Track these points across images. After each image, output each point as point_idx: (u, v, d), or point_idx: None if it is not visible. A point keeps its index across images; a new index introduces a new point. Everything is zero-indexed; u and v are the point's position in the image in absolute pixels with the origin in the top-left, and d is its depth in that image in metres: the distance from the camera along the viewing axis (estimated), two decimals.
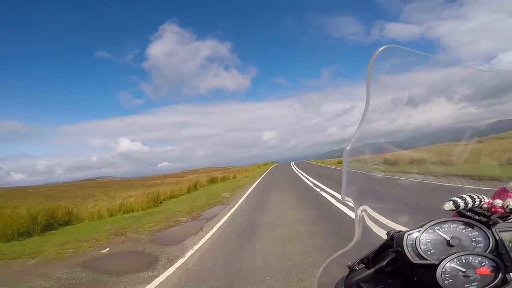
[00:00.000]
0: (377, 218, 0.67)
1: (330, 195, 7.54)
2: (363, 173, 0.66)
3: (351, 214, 4.92)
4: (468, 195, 0.53)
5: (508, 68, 0.58)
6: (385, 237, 0.61)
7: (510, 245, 0.52)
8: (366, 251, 0.63)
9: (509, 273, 0.51)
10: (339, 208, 5.74)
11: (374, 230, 0.66)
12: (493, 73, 0.57)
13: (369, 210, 0.65)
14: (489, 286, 0.50)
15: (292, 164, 42.98)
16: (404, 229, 0.57)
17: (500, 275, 0.50)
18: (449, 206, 0.53)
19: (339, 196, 6.80)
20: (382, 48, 0.55)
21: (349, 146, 0.56)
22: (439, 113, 0.87)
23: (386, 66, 0.56)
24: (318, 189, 9.19)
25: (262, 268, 3.18)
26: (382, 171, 0.65)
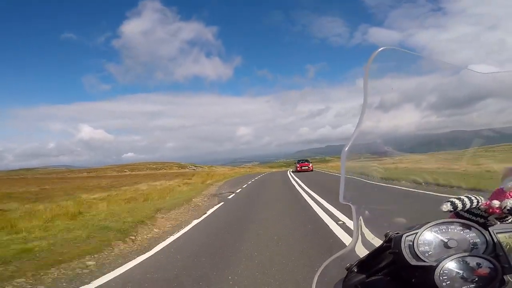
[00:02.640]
0: (374, 220, 0.66)
1: None
2: (361, 175, 0.66)
3: None
4: (465, 196, 0.53)
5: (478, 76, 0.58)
6: (383, 239, 0.60)
7: (508, 246, 0.52)
8: (364, 253, 0.63)
9: (506, 274, 0.51)
10: None
11: (371, 232, 0.66)
12: (488, 75, 0.57)
13: (367, 212, 0.64)
14: (487, 287, 0.50)
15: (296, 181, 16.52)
16: (402, 230, 0.57)
17: (498, 276, 0.50)
18: (447, 207, 0.52)
19: None
20: (379, 49, 0.54)
21: (347, 148, 0.55)
22: (406, 119, 0.89)
23: (382, 67, 0.56)
24: None
25: None
26: (380, 173, 0.65)
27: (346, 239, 3.90)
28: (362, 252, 0.63)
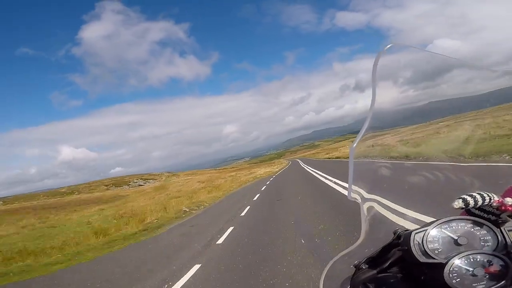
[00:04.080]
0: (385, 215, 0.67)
1: None
2: (369, 170, 0.65)
3: None
4: (477, 193, 0.52)
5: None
6: (391, 235, 0.60)
7: None
8: (372, 250, 0.62)
9: None
10: None
11: (379, 229, 0.65)
12: (493, 72, 0.59)
13: (376, 209, 0.64)
14: (498, 285, 0.49)
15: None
16: (411, 227, 0.57)
17: (509, 274, 0.49)
18: (458, 204, 0.51)
19: None
20: (387, 47, 0.54)
21: (355, 144, 0.54)
22: (384, 97, 0.94)
23: (388, 63, 0.56)
24: None
25: None
26: (388, 168, 0.65)
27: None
28: (370, 249, 0.63)
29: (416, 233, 0.53)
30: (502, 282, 0.49)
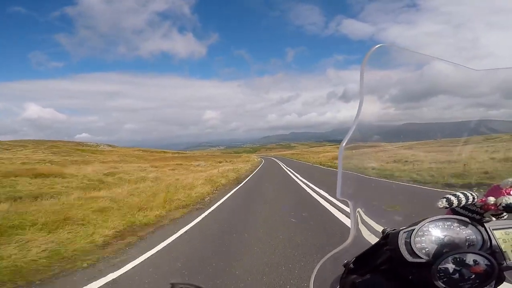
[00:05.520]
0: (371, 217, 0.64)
1: None
2: (358, 170, 0.66)
3: None
4: (461, 192, 0.53)
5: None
6: (380, 235, 0.60)
7: (504, 243, 0.52)
8: (361, 250, 0.62)
9: (503, 271, 0.51)
10: None
11: (369, 228, 0.66)
12: (480, 72, 0.58)
13: (365, 208, 0.64)
14: (484, 284, 0.49)
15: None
16: (399, 227, 0.57)
17: (495, 273, 0.49)
18: (442, 203, 0.52)
19: None
20: (376, 46, 0.53)
21: (344, 143, 0.53)
22: (367, 109, 0.94)
23: (377, 64, 0.55)
24: None
25: None
26: (376, 168, 0.64)
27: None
28: (359, 249, 0.63)
29: (404, 232, 0.54)
30: (488, 281, 0.49)
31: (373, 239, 0.62)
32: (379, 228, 0.62)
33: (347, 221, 4.49)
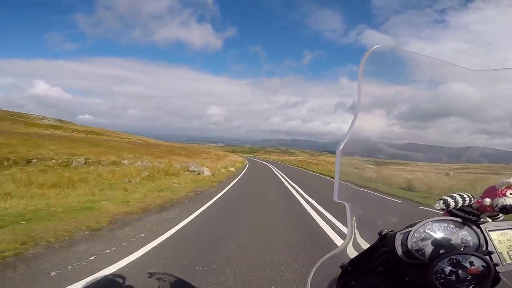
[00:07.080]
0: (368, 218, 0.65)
1: None
2: (355, 173, 0.65)
3: None
4: (458, 194, 0.53)
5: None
6: (377, 237, 0.60)
7: (500, 244, 0.53)
8: (358, 251, 0.62)
9: (499, 272, 0.51)
10: None
11: (365, 230, 0.65)
12: (479, 73, 0.58)
13: (361, 211, 0.63)
14: (480, 285, 0.50)
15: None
16: (396, 229, 0.57)
17: (491, 274, 0.50)
18: (439, 205, 0.53)
19: None
20: (375, 46, 0.53)
21: (341, 146, 0.54)
22: (371, 124, 0.90)
23: (376, 65, 0.54)
24: None
25: None
26: (374, 172, 0.62)
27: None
28: (356, 250, 0.63)
29: (400, 234, 0.54)
30: (484, 282, 0.49)
31: (370, 241, 0.62)
32: (376, 230, 0.62)
33: None
